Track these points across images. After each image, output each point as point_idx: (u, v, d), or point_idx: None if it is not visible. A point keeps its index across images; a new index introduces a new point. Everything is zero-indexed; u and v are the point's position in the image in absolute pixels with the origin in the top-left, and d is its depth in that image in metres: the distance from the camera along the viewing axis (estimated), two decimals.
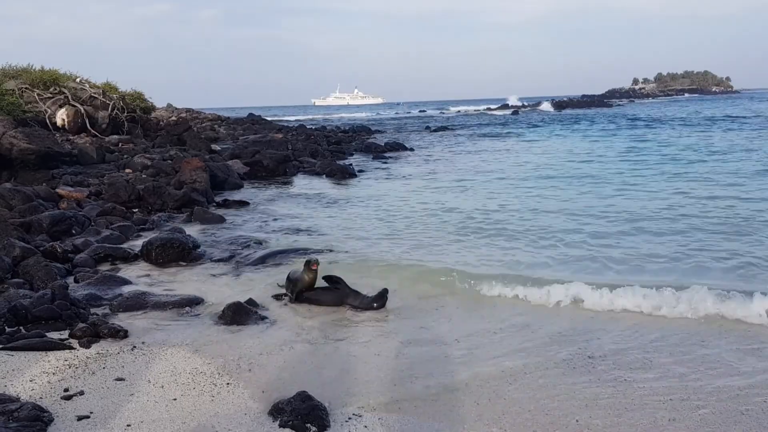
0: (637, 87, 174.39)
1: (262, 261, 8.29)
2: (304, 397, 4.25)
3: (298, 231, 10.33)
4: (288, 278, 6.88)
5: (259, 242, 9.24)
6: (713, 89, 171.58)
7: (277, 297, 6.84)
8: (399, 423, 4.08)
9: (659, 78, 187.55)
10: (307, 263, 6.71)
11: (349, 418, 4.15)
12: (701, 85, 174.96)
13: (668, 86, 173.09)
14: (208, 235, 9.92)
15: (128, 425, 3.98)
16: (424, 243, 9.38)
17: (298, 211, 12.29)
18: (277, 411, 4.17)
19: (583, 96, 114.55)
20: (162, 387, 4.57)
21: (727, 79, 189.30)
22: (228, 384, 4.64)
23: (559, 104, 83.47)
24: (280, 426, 4.03)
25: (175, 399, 4.39)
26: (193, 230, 10.05)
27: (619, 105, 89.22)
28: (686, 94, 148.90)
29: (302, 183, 16.79)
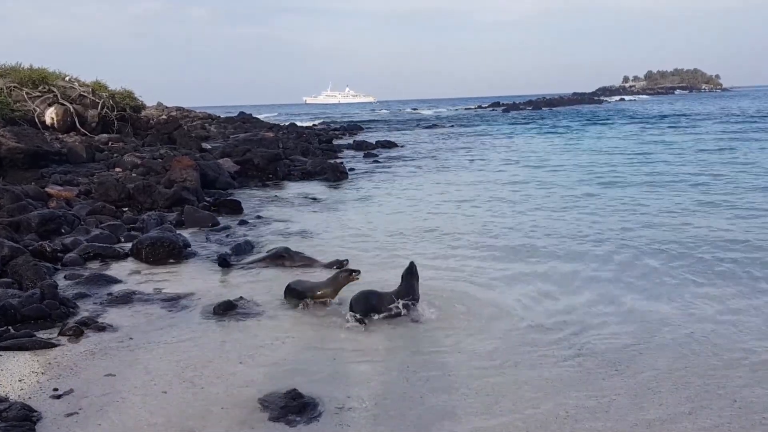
0: (627, 85, 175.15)
1: (253, 260, 8.29)
2: (294, 395, 4.29)
3: (289, 231, 10.32)
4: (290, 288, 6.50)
5: (249, 241, 9.23)
6: (703, 87, 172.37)
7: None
8: (387, 416, 4.11)
9: (649, 76, 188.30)
10: (348, 273, 6.32)
11: (339, 410, 4.18)
12: (691, 83, 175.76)
13: (658, 84, 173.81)
14: (199, 234, 9.90)
15: (117, 420, 3.99)
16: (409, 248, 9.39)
17: (289, 211, 12.28)
18: (267, 406, 4.20)
19: (574, 93, 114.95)
20: (152, 381, 4.59)
21: (717, 76, 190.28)
22: (218, 378, 4.66)
23: (549, 102, 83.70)
24: (270, 420, 4.06)
25: (165, 392, 4.41)
26: (183, 229, 10.03)
27: (607, 102, 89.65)
28: (677, 92, 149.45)
29: (293, 182, 16.77)
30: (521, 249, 8.72)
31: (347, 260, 7.91)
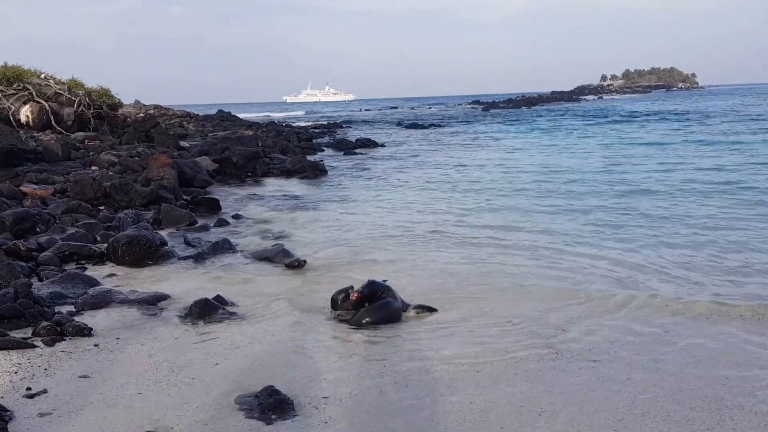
0: (605, 83, 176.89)
1: (231, 258, 8.26)
2: (271, 391, 4.28)
3: (267, 229, 10.30)
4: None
5: (227, 240, 9.18)
6: (679, 85, 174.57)
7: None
8: (365, 412, 4.13)
9: (627, 74, 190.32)
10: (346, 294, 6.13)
11: (316, 408, 4.19)
12: (668, 82, 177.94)
13: (636, 82, 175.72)
14: (176, 232, 9.83)
15: (91, 420, 3.97)
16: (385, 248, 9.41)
17: (268, 209, 12.25)
18: (244, 404, 4.20)
19: (553, 92, 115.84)
20: (127, 382, 4.55)
21: (693, 75, 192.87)
22: (193, 378, 4.64)
23: (529, 101, 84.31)
24: (246, 418, 4.06)
25: (140, 393, 4.38)
26: (160, 228, 9.95)
27: (586, 101, 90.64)
28: (652, 91, 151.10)
29: (272, 180, 16.72)
30: (507, 254, 8.76)
31: (305, 260, 7.92)
